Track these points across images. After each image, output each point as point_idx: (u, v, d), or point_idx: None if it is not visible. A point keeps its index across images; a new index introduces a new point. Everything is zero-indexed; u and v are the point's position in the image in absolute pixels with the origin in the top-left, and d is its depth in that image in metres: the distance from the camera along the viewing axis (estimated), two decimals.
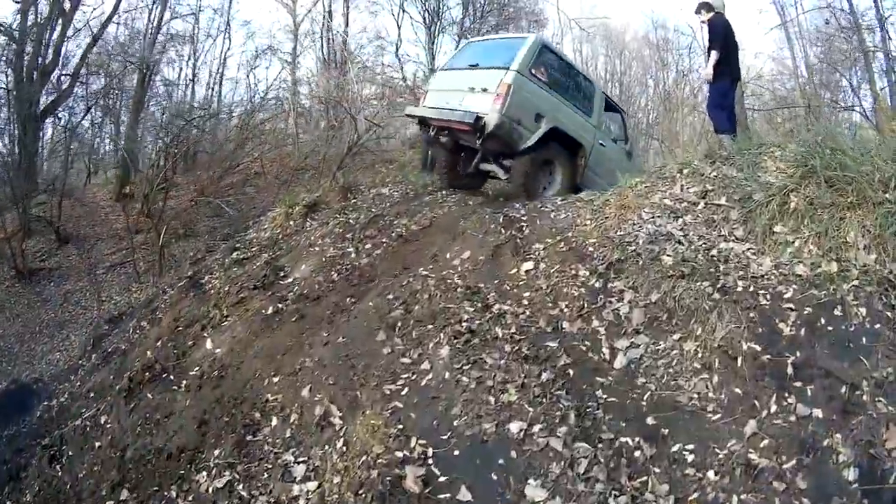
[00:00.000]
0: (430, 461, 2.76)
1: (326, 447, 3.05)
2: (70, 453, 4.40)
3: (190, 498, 3.21)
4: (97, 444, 4.24)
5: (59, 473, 4.29)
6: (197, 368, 4.31)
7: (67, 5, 12.82)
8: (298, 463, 3.06)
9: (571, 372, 3.10)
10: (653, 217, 3.94)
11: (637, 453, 2.63)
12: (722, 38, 5.14)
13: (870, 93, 8.73)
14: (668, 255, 3.49)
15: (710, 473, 2.49)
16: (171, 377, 4.38)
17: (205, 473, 3.28)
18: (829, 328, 2.88)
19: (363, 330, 3.85)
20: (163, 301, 6.42)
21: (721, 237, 3.71)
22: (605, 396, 2.94)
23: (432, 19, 14.67)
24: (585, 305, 3.46)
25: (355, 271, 4.77)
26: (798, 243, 3.43)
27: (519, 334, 3.40)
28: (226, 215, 11.97)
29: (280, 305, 4.65)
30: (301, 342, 4.02)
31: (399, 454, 2.81)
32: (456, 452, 2.78)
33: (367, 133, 11.62)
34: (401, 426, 2.97)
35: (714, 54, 5.13)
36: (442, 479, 2.67)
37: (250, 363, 4.02)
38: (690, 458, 2.56)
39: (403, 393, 3.19)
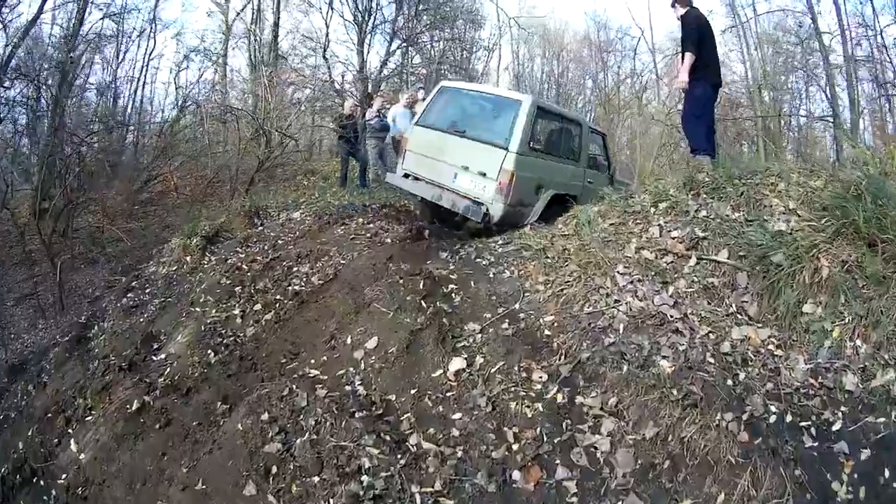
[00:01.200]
0: None
1: None
2: None
3: None
4: None
5: None
6: (64, 477, 3.33)
7: None
8: None
9: None
10: (632, 282, 2.77)
11: None
12: (696, 35, 4.17)
13: (848, 102, 8.26)
14: (664, 358, 2.31)
15: None
16: (42, 483, 3.44)
17: None
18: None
19: (228, 474, 2.48)
20: (53, 355, 5.24)
21: (730, 317, 2.61)
22: None
23: (363, 18, 13.34)
24: (544, 439, 2.21)
25: (236, 349, 3.72)
26: (837, 332, 2.39)
27: (447, 495, 2.09)
28: (138, 237, 10.29)
29: (147, 399, 3.60)
30: (161, 469, 2.90)
31: None
32: None
33: (282, 146, 10.11)
34: None
35: (688, 56, 4.13)
36: None
37: (112, 484, 3.00)
38: None
39: None
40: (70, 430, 3.82)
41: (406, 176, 5.12)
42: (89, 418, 3.75)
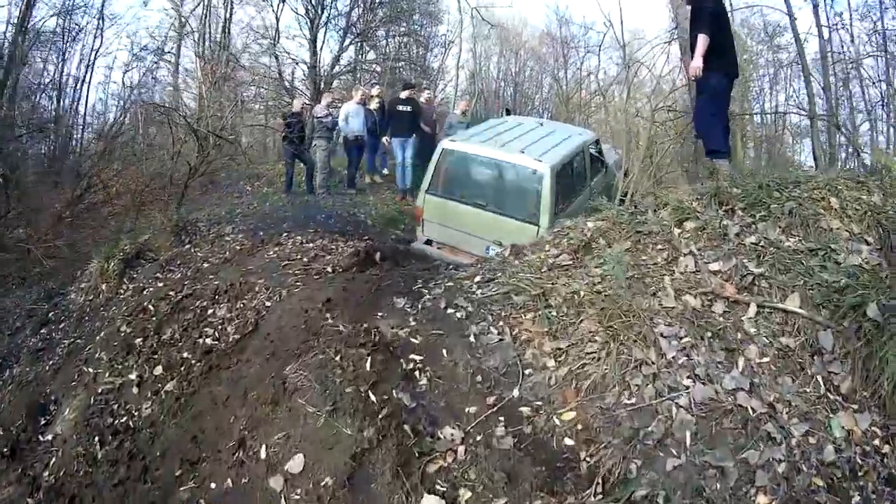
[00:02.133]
0: None
1: None
2: None
3: None
4: None
5: None
6: None
7: None
8: None
9: None
10: (684, 349, 1.90)
11: None
12: (710, 16, 3.51)
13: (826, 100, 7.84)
14: (759, 490, 1.46)
15: None
16: None
17: None
18: None
19: None
20: None
21: (822, 399, 1.79)
22: None
23: (316, 12, 12.19)
24: None
25: (127, 440, 2.88)
26: None
27: None
28: (67, 253, 8.81)
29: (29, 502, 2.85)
30: None
31: None
32: None
33: (219, 149, 8.97)
34: None
35: (702, 39, 3.42)
36: None
37: None
38: None
39: None
40: None
41: (429, 242, 5.04)
42: None
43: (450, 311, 2.38)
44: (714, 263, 2.38)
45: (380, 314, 2.40)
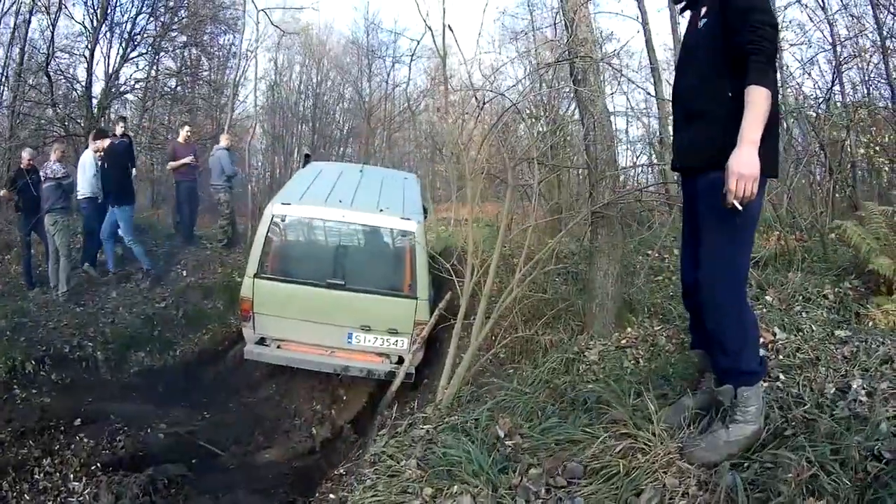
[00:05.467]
0: None
1: None
2: None
3: None
4: None
5: None
6: None
7: None
8: None
9: None
10: None
11: None
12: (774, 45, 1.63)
13: None
14: None
15: None
16: None
17: None
18: None
19: None
20: None
21: None
22: None
23: (99, 20, 9.70)
24: None
25: None
26: None
27: None
28: None
29: None
30: None
31: None
32: None
33: None
34: None
35: (762, 99, 1.53)
36: None
37: None
38: None
39: None
40: None
41: (262, 341, 4.04)
42: None
43: None
44: None
45: None
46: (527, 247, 3.38)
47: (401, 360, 3.95)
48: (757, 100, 1.52)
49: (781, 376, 2.06)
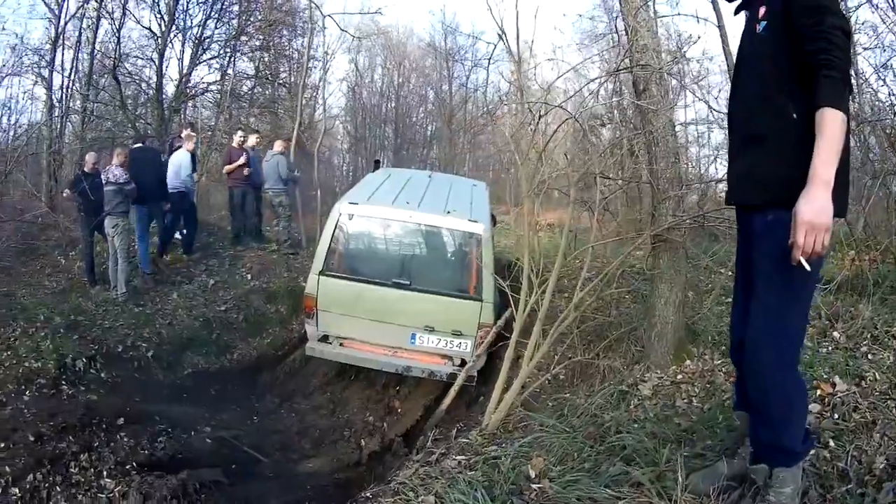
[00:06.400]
0: None
1: None
2: None
3: None
4: None
5: None
6: None
7: None
8: None
9: None
10: None
11: None
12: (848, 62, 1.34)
13: None
14: None
15: None
16: None
17: None
18: None
19: None
20: None
21: None
22: None
23: (168, 24, 10.07)
24: None
25: None
26: None
27: None
28: None
29: None
30: None
31: None
32: None
33: None
34: None
35: (837, 125, 1.27)
36: None
37: None
38: None
39: None
40: None
41: (325, 339, 4.11)
42: None
43: None
44: None
45: None
46: (585, 269, 3.27)
47: (463, 363, 3.97)
48: (831, 127, 1.25)
49: (832, 443, 1.84)
